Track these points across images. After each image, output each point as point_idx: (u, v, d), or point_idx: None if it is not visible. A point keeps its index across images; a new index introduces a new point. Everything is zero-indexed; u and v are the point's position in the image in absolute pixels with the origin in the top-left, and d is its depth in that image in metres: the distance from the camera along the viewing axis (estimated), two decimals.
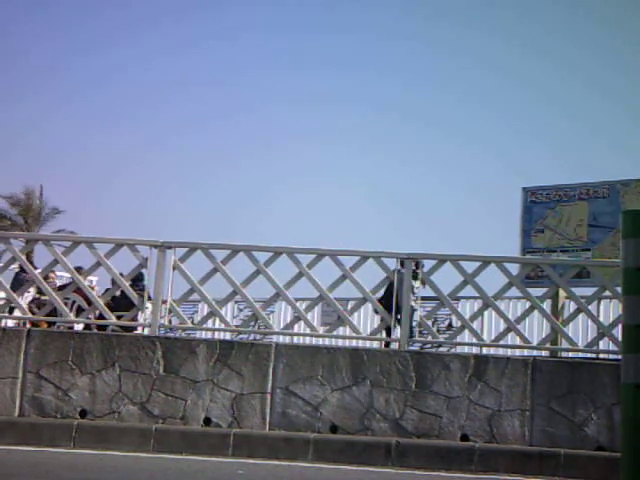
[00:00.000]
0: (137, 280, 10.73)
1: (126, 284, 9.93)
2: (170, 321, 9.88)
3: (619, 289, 4.71)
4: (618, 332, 9.03)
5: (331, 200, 59.37)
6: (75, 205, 60.82)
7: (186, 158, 62.18)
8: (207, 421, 8.89)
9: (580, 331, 13.19)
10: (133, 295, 9.82)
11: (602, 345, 10.07)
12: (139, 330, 10.95)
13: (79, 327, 11.16)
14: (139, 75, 63.09)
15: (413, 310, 9.91)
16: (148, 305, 9.99)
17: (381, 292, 10.25)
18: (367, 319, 15.26)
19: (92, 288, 11.04)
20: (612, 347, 9.65)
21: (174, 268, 9.65)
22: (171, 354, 9.04)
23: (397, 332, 9.87)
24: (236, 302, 15.00)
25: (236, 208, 57.53)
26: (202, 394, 8.93)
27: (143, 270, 9.94)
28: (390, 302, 9.68)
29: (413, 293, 10.30)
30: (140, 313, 10.14)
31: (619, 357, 8.43)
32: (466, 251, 9.80)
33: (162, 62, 63.57)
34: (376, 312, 10.54)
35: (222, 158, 61.79)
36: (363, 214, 56.09)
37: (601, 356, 10.81)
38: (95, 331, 10.63)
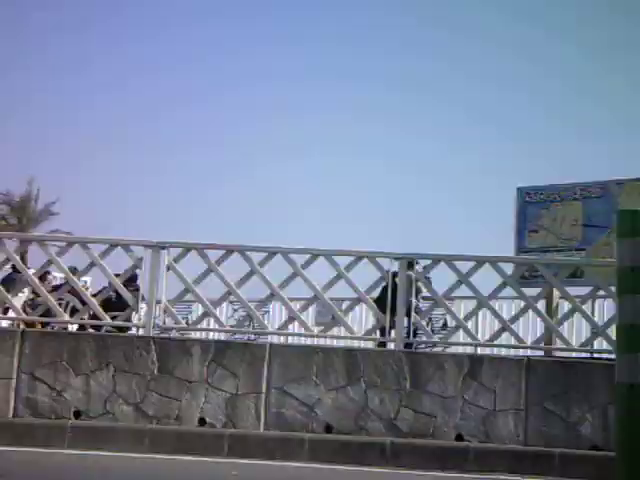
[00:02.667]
0: (131, 280, 10.71)
1: (120, 284, 9.91)
2: (164, 321, 9.85)
3: (613, 289, 4.72)
4: (612, 332, 9.03)
5: (329, 200, 59.52)
6: (86, 206, 60.56)
7: (194, 161, 62.22)
8: (202, 421, 8.87)
9: (574, 331, 13.19)
10: (127, 295, 9.80)
11: (596, 345, 10.06)
12: (133, 331, 10.93)
13: (73, 328, 11.12)
14: (145, 79, 63.23)
15: (413, 309, 9.90)
16: (142, 305, 9.97)
17: (377, 292, 10.24)
18: (362, 319, 15.24)
19: (86, 288, 11.03)
20: (606, 347, 9.65)
21: (168, 268, 9.64)
22: (165, 354, 9.03)
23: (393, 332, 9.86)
24: (230, 302, 14.97)
25: (237, 210, 57.53)
26: (197, 394, 8.92)
27: (137, 270, 9.92)
28: (386, 302, 9.67)
29: (421, 291, 10.31)
30: (134, 313, 10.12)
31: (613, 357, 8.43)
32: (461, 251, 9.81)
33: (160, 69, 63.67)
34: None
35: (226, 162, 61.79)
36: (361, 214, 56.14)
37: (595, 356, 10.81)
38: (89, 331, 10.61)
